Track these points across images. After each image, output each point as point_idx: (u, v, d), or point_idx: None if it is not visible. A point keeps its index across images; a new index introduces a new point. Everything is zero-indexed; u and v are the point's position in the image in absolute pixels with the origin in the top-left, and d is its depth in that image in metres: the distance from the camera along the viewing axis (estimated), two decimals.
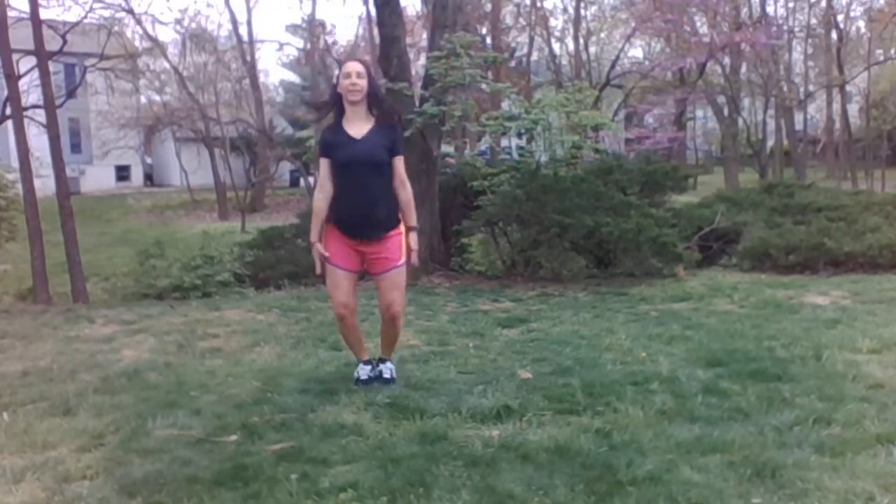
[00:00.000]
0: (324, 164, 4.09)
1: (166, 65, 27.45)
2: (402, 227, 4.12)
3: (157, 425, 3.55)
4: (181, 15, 37.34)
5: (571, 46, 28.96)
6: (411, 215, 4.15)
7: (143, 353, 5.17)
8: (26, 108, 10.84)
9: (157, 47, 25.97)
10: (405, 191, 4.11)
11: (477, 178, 9.49)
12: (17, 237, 12.37)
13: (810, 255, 8.79)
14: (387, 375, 4.23)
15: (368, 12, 23.11)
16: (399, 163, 4.10)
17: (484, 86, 11.27)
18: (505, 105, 13.87)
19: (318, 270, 4.15)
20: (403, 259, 4.11)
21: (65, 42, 13.27)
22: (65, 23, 15.25)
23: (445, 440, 3.26)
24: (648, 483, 2.78)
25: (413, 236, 4.15)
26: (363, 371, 4.24)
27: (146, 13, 36.71)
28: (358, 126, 4.03)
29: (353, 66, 4.05)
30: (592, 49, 29.49)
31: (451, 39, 9.14)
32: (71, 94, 18.48)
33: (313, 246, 4.11)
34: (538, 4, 27.79)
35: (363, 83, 4.00)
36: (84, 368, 4.73)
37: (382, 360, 4.30)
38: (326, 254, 4.05)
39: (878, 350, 4.60)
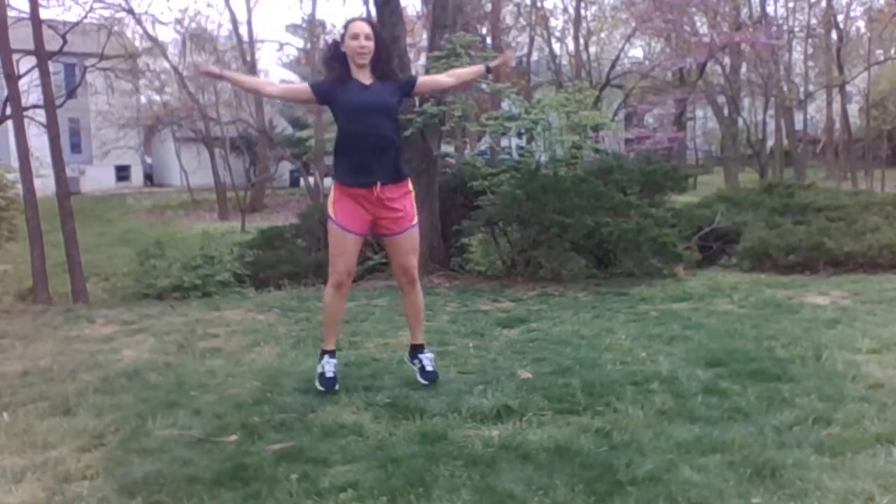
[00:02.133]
0: (301, 85, 4.27)
1: (166, 65, 27.46)
2: (410, 185, 4.03)
3: (157, 425, 3.55)
4: (181, 15, 37.26)
5: (571, 46, 28.99)
6: (473, 69, 4.44)
7: (143, 353, 5.17)
8: (26, 108, 10.85)
9: (157, 47, 25.97)
10: (446, 77, 4.35)
11: (477, 178, 9.49)
12: (17, 237, 12.37)
13: (810, 255, 8.78)
14: (429, 368, 4.05)
15: (368, 12, 23.09)
16: (425, 77, 4.37)
17: (484, 86, 11.26)
18: (505, 105, 13.86)
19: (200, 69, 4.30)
20: (416, 220, 4.02)
21: (65, 42, 13.29)
22: (65, 23, 15.26)
23: (445, 440, 3.26)
24: (648, 483, 2.78)
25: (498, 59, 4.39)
26: (328, 366, 4.01)
27: (146, 13, 36.68)
28: (364, 79, 3.94)
29: (362, 27, 3.90)
30: (592, 49, 29.52)
31: (451, 39, 9.14)
32: (71, 94, 18.51)
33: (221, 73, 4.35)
34: (538, 4, 27.80)
35: (371, 45, 3.88)
36: (84, 368, 4.73)
37: (420, 349, 4.11)
38: (215, 71, 4.32)
39: (878, 350, 4.60)
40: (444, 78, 4.40)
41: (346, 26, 4.00)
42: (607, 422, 3.42)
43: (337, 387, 4.02)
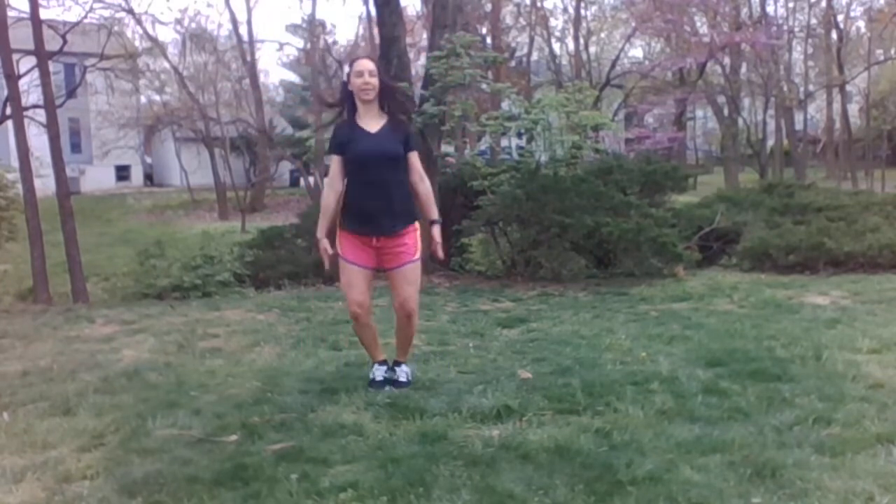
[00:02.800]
0: (335, 161, 4.02)
1: (166, 65, 27.45)
2: (417, 224, 4.06)
3: (157, 425, 3.55)
4: (181, 15, 37.33)
5: (571, 46, 29.00)
6: (432, 208, 4.12)
7: (143, 353, 5.17)
8: (26, 108, 10.84)
9: (157, 47, 25.97)
10: (424, 184, 4.08)
11: (477, 178, 9.49)
12: (17, 237, 12.37)
13: (810, 255, 8.79)
14: (402, 379, 4.16)
15: (368, 12, 23.13)
16: (415, 158, 4.08)
17: (484, 86, 11.27)
18: (505, 105, 13.87)
19: (327, 266, 4.07)
20: (418, 255, 4.05)
21: (65, 42, 13.27)
22: (65, 23, 15.25)
23: (445, 440, 3.26)
24: (648, 483, 2.78)
25: (436, 229, 4.11)
26: (378, 372, 4.17)
27: (146, 13, 36.69)
28: (371, 122, 4.00)
29: (365, 65, 3.99)
30: (592, 49, 29.53)
31: (451, 39, 9.14)
32: (71, 94, 18.50)
33: (319, 241, 4.01)
34: (538, 4, 27.82)
35: (375, 81, 3.96)
36: (84, 368, 4.73)
37: (398, 363, 4.23)
38: (331, 251, 3.99)
39: (878, 350, 4.60)
40: (421, 184, 4.09)
41: (350, 65, 4.09)
42: (607, 422, 3.42)
43: (387, 388, 4.06)
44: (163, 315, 6.75)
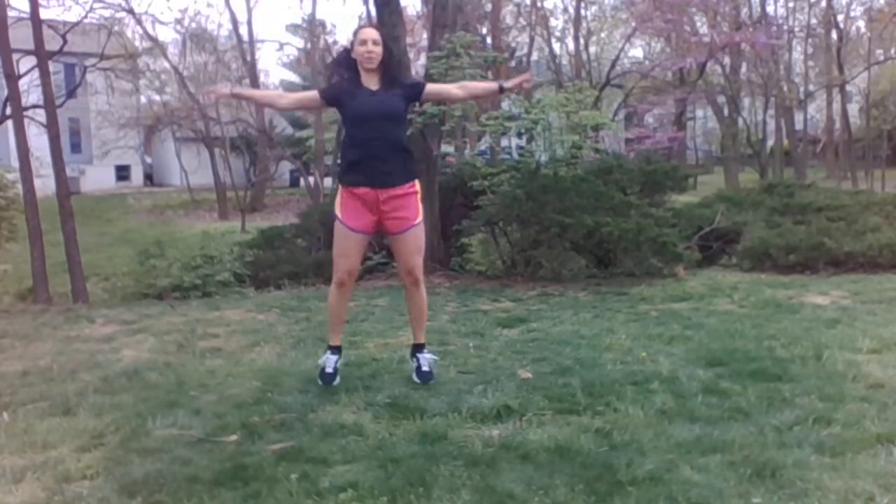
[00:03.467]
0: (310, 92, 4.20)
1: (166, 65, 27.47)
2: (417, 186, 4.08)
3: (157, 425, 3.54)
4: (181, 15, 37.32)
5: (571, 46, 29.01)
6: (489, 84, 4.56)
7: (143, 353, 5.17)
8: (26, 108, 10.86)
9: (157, 47, 25.98)
10: (457, 88, 4.40)
11: (477, 178, 9.48)
12: (17, 237, 12.37)
13: (810, 255, 8.78)
14: (425, 368, 4.09)
15: (368, 12, 23.07)
16: (430, 85, 4.33)
17: None
18: (505, 105, 13.86)
19: (212, 97, 4.19)
20: (420, 218, 4.06)
21: (65, 42, 13.29)
22: (65, 23, 15.27)
23: (445, 440, 3.26)
24: (648, 483, 2.78)
25: (507, 84, 4.26)
26: (329, 362, 4.09)
27: (146, 13, 36.71)
28: (373, 84, 4.03)
29: (370, 34, 4.03)
30: (592, 49, 29.53)
31: (451, 39, 9.14)
32: (71, 93, 18.51)
33: (232, 92, 4.25)
34: (538, 4, 27.82)
35: (379, 50, 3.98)
36: (84, 368, 4.73)
37: (419, 349, 4.15)
38: (225, 92, 4.13)
39: (878, 350, 4.60)
40: (455, 90, 4.45)
41: (355, 33, 4.13)
42: (607, 422, 3.42)
43: (335, 382, 4.06)
44: (163, 315, 6.74)
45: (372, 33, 4.03)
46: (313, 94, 4.36)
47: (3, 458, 3.18)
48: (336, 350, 4.18)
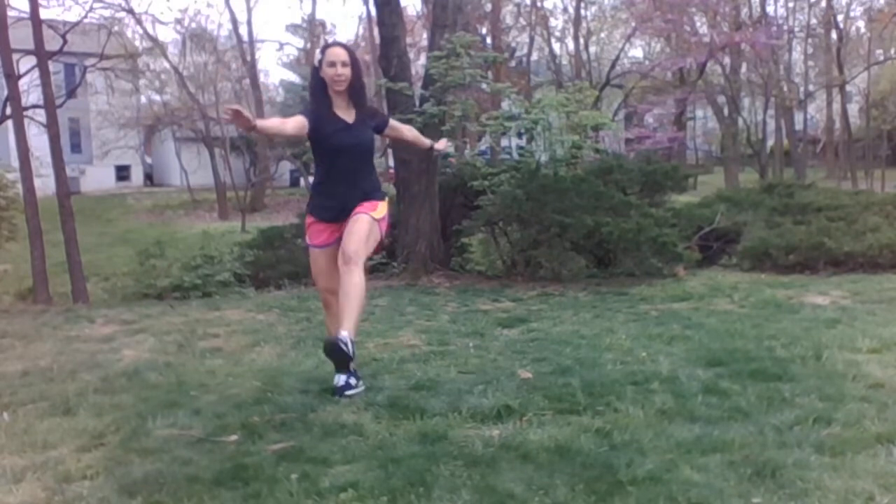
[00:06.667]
0: (297, 117, 3.92)
1: (166, 65, 27.49)
2: (385, 199, 4.10)
3: (157, 425, 3.54)
4: (181, 15, 37.27)
5: (571, 46, 29.03)
6: (422, 139, 4.46)
7: (143, 353, 5.16)
8: (26, 108, 10.86)
9: (157, 47, 26.00)
10: (408, 130, 4.40)
11: (477, 178, 9.48)
12: (17, 237, 12.38)
13: (810, 255, 8.79)
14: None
15: (368, 12, 23.14)
16: (393, 122, 4.32)
17: (484, 86, 11.28)
18: (505, 105, 13.87)
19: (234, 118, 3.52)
20: (380, 218, 3.97)
21: (65, 42, 13.28)
22: (65, 23, 15.26)
23: (445, 440, 3.26)
24: (648, 483, 2.78)
25: (436, 144, 4.50)
26: (340, 379, 3.89)
27: (146, 13, 36.77)
28: (346, 112, 3.97)
29: (339, 54, 3.86)
30: (592, 49, 29.55)
31: (451, 39, 9.14)
32: (71, 93, 18.50)
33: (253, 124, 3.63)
34: (538, 4, 27.86)
35: (348, 72, 3.87)
36: (84, 368, 4.72)
37: (343, 338, 3.67)
38: (247, 114, 3.53)
39: (878, 350, 4.60)
40: (406, 132, 4.45)
41: (323, 51, 3.99)
42: (607, 422, 3.42)
43: (353, 387, 4.03)
44: (163, 315, 6.74)
45: (341, 54, 3.86)
46: (300, 117, 3.97)
47: (4, 458, 3.18)
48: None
